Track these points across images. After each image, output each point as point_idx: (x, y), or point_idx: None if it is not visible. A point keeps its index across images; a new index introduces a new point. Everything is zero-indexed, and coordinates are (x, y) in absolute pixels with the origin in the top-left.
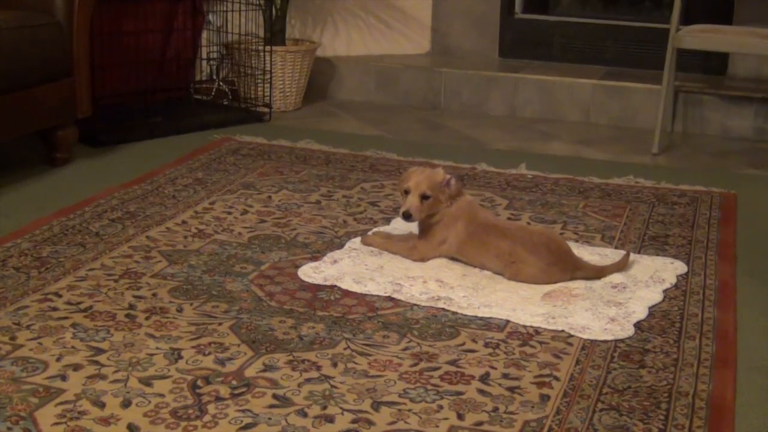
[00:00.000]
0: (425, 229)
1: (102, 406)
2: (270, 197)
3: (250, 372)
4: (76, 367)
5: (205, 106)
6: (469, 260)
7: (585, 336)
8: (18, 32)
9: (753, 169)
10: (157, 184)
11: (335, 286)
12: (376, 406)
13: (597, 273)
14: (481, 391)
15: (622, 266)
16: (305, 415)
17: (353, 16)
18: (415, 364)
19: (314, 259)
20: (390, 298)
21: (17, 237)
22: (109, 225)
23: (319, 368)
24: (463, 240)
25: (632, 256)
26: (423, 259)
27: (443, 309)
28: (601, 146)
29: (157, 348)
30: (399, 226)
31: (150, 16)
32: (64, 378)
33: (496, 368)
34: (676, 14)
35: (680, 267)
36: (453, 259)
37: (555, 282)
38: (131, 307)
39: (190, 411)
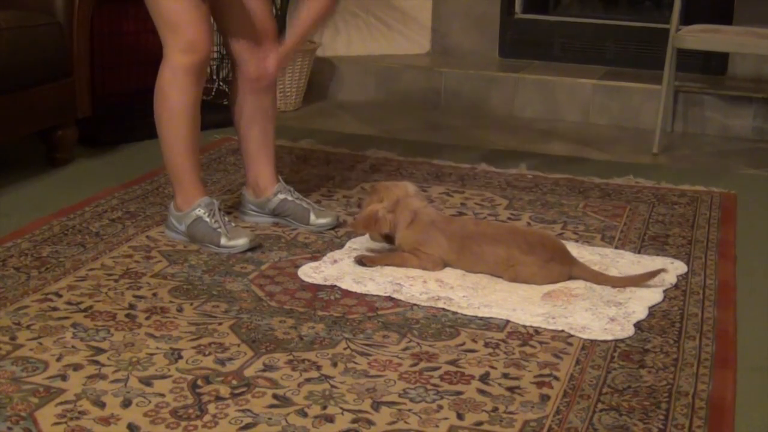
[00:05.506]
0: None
1: (102, 405)
2: None
3: (250, 372)
4: (77, 367)
5: (204, 107)
6: (464, 268)
7: (585, 336)
8: (18, 32)
9: (753, 169)
10: (157, 184)
11: (335, 286)
12: (376, 406)
13: (595, 278)
14: (481, 391)
15: (629, 282)
16: (305, 415)
17: (353, 16)
18: (415, 364)
19: (314, 259)
20: (390, 298)
21: (17, 237)
22: (109, 225)
23: (319, 368)
24: (446, 250)
25: (632, 257)
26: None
27: (443, 309)
28: (601, 146)
29: (157, 348)
30: None
31: (150, 16)
32: (64, 378)
33: (496, 368)
34: (676, 14)
35: (680, 267)
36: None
37: (556, 278)
38: (131, 307)
39: (191, 411)
